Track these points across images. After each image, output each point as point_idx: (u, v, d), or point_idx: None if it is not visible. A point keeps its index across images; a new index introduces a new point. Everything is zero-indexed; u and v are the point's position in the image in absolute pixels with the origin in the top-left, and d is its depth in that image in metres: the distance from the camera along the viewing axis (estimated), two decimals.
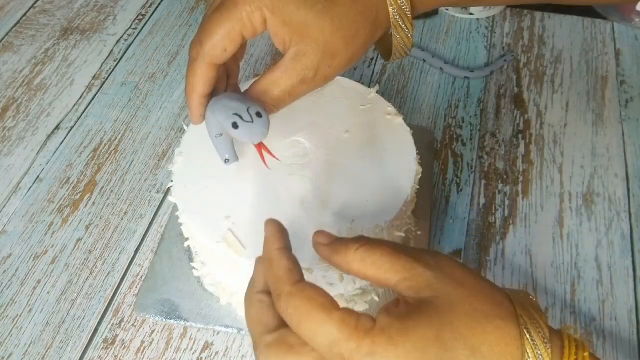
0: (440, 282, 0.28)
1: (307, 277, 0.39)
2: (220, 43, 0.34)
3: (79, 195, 0.54)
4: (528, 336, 0.27)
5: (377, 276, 0.29)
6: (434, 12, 0.70)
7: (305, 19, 0.34)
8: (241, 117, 0.33)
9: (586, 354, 0.27)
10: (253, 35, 0.35)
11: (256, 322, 0.29)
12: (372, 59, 0.65)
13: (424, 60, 0.65)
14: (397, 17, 0.37)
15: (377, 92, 0.48)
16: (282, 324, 0.28)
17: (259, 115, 0.34)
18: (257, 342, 0.29)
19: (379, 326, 0.26)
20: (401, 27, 0.37)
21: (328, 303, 0.27)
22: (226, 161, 0.39)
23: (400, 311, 0.27)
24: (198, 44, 0.35)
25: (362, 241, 0.30)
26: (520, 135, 0.58)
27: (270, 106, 0.36)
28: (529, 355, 0.26)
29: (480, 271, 0.48)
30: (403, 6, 0.36)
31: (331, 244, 0.31)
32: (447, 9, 0.71)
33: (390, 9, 0.36)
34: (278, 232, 0.32)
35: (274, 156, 0.37)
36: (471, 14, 0.70)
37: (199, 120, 0.38)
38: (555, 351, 0.27)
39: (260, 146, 0.36)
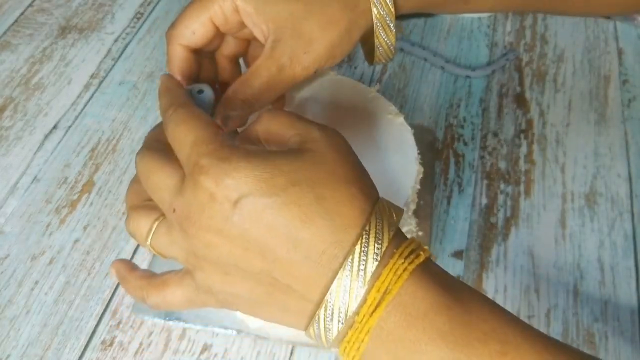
0: (323, 143, 0.28)
1: None
2: (189, 25, 0.35)
3: (76, 195, 0.53)
4: (377, 216, 0.27)
5: (278, 131, 0.30)
6: None
7: (277, 5, 0.34)
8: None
9: (423, 251, 0.27)
10: (224, 23, 0.36)
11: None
12: None
13: (425, 59, 0.64)
14: (382, 11, 0.36)
15: (377, 91, 0.47)
16: None
17: (200, 92, 0.35)
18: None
19: (244, 146, 0.28)
20: (386, 22, 0.36)
21: (209, 120, 0.29)
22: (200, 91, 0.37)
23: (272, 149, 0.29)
24: (171, 26, 0.36)
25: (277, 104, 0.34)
26: (522, 135, 0.58)
27: (252, 100, 0.35)
28: (370, 226, 0.27)
29: (481, 272, 0.48)
30: None
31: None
32: None
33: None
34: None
35: None
36: None
37: None
38: (397, 240, 0.28)
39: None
